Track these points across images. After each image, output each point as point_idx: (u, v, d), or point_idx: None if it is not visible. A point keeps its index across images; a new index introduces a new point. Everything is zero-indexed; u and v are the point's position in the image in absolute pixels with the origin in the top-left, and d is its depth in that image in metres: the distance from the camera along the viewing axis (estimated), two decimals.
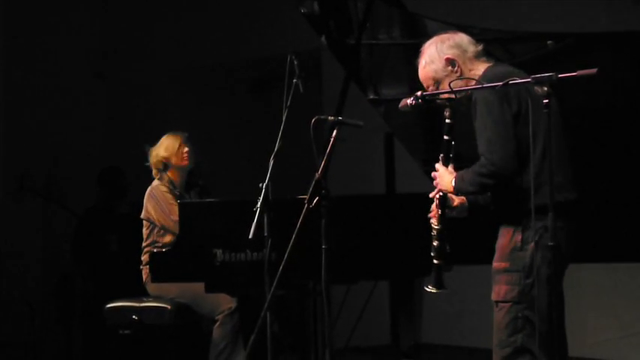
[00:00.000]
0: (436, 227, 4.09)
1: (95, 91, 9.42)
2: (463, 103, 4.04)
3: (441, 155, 4.10)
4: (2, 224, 8.58)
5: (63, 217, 8.43)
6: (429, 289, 4.11)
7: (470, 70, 4.05)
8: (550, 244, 3.60)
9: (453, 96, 4.01)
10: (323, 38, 5.86)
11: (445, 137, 4.07)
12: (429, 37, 4.20)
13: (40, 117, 8.91)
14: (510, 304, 3.90)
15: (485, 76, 3.97)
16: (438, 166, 4.10)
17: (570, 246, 3.93)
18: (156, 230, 6.04)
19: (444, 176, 4.06)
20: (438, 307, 7.80)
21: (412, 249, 5.17)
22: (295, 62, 4.85)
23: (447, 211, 4.11)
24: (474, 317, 7.73)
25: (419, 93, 4.02)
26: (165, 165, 6.12)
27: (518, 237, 3.89)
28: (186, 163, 6.13)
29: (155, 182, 6.12)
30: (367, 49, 5.73)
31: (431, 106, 4.08)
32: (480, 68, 4.05)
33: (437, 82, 4.09)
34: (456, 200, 4.15)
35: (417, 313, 5.76)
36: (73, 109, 9.15)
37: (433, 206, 4.11)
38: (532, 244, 3.84)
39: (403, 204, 5.40)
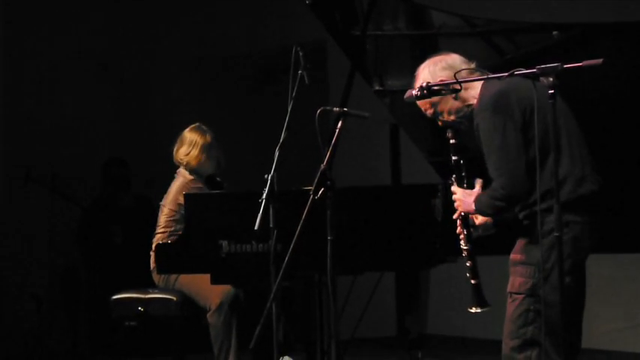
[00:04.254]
0: (465, 248, 4.12)
1: (100, 83, 9.41)
2: (463, 123, 4.09)
3: (454, 176, 4.13)
4: (8, 216, 8.59)
5: (68, 209, 8.45)
6: (473, 310, 4.14)
7: (465, 90, 4.03)
8: (555, 234, 3.59)
9: (452, 117, 4.07)
10: (327, 27, 5.83)
11: (453, 158, 4.11)
12: (434, 27, 4.20)
13: (45, 109, 8.92)
14: (523, 296, 3.91)
15: (483, 96, 3.96)
16: (454, 188, 4.13)
17: (592, 239, 3.94)
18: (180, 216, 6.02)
19: (465, 198, 4.08)
20: (444, 299, 7.81)
21: (418, 240, 5.17)
22: (300, 54, 4.84)
23: (472, 230, 4.13)
24: None
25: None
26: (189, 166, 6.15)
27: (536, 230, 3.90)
28: (211, 171, 6.19)
29: (187, 176, 6.12)
30: (373, 40, 5.72)
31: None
32: (476, 85, 4.04)
33: (434, 105, 4.11)
34: (479, 218, 4.16)
35: (423, 305, 5.76)
36: (78, 101, 9.15)
37: (458, 228, 4.14)
38: (548, 238, 3.83)
39: (409, 195, 5.40)
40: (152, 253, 6.00)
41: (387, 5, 5.55)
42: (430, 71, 4.12)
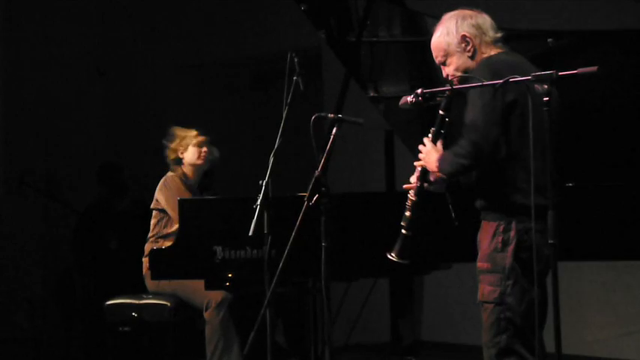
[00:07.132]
0: (412, 199, 4.04)
1: (96, 87, 9.42)
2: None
3: (432, 129, 4.01)
4: (3, 221, 8.58)
5: (63, 213, 8.44)
6: (391, 256, 4.04)
7: (482, 54, 3.95)
8: (550, 241, 3.55)
9: (459, 74, 3.94)
10: (322, 33, 5.85)
11: (440, 112, 3.98)
12: (429, 34, 4.18)
13: (40, 114, 8.92)
14: (493, 305, 3.88)
15: (490, 60, 3.90)
16: (427, 141, 4.01)
17: (547, 249, 3.79)
18: (164, 220, 6.03)
19: (431, 154, 3.97)
20: (438, 305, 7.82)
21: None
22: (295, 60, 4.84)
23: (425, 185, 4.05)
24: (474, 315, 7.73)
25: (419, 90, 4.00)
26: (177, 160, 6.13)
27: (499, 238, 3.87)
28: (201, 162, 6.15)
29: (169, 173, 6.13)
30: (367, 46, 5.73)
31: (430, 103, 4.06)
32: (490, 52, 3.98)
33: (446, 56, 4.01)
34: (433, 175, 4.05)
35: (417, 311, 5.77)
36: (73, 105, 9.15)
37: (413, 178, 4.05)
38: (512, 246, 3.82)
39: (403, 201, 5.39)
40: (144, 259, 6.00)
41: (382, 12, 5.56)
42: (457, 24, 4.00)
